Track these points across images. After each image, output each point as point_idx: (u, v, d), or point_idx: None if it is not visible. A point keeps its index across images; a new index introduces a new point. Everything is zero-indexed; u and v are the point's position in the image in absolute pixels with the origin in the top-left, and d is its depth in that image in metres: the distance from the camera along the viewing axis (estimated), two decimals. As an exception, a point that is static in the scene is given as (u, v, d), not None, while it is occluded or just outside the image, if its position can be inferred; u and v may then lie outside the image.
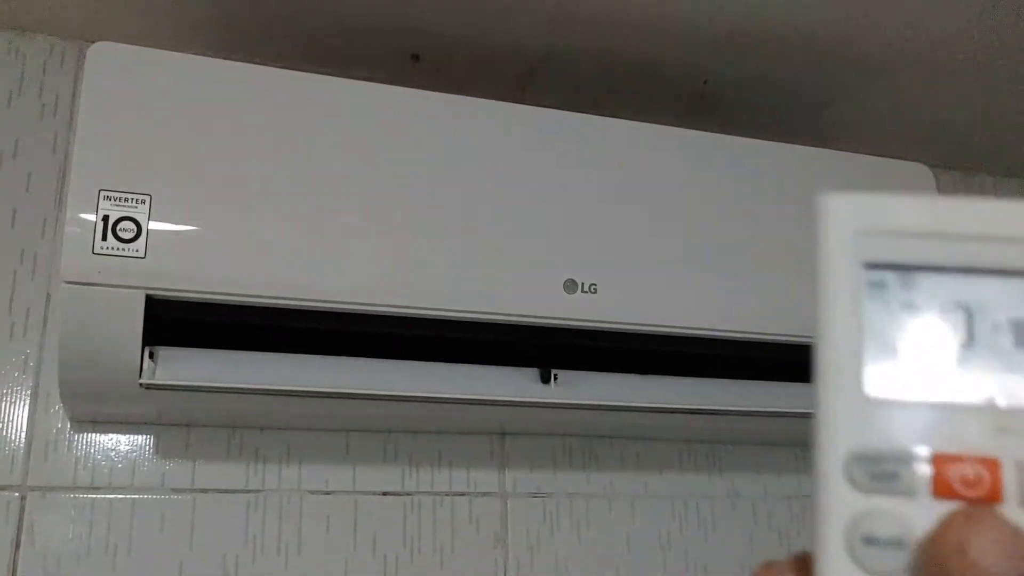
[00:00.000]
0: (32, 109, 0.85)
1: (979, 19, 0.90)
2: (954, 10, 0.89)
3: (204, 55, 0.73)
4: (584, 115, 0.83)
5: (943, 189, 0.94)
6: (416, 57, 0.93)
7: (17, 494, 0.77)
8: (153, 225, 0.67)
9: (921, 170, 0.94)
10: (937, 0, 0.87)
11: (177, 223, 0.68)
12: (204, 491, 0.81)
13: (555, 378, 0.80)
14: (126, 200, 0.67)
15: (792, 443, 1.02)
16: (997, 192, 1.25)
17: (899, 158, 0.95)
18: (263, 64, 0.76)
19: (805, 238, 0.85)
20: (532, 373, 0.80)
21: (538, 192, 0.79)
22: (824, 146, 0.92)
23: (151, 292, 0.67)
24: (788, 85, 1.01)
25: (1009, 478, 0.24)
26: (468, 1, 0.85)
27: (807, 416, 0.80)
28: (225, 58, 0.74)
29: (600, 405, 0.81)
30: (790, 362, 0.87)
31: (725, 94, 1.01)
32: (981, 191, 1.24)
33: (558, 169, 0.80)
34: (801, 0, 0.86)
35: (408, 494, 0.87)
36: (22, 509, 0.77)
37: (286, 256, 0.70)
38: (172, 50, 0.72)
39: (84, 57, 0.71)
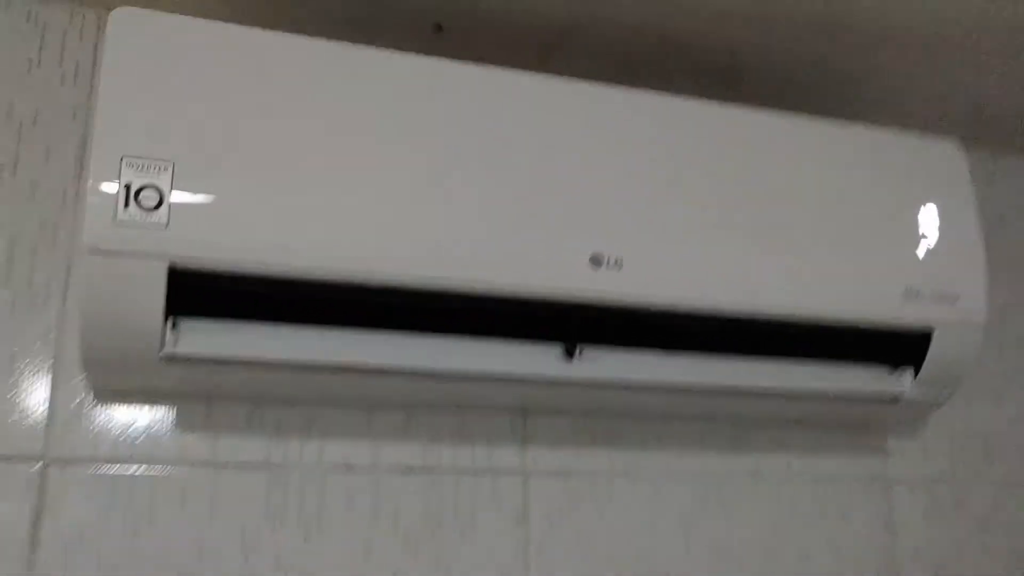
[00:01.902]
0: (52, 78, 0.84)
1: (1014, -7, 0.88)
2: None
3: (227, 22, 0.72)
4: (609, 86, 0.82)
5: (973, 167, 0.92)
6: (439, 27, 0.91)
7: (39, 464, 0.76)
8: (176, 193, 0.66)
9: (951, 147, 0.93)
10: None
11: (200, 191, 0.67)
12: (224, 465, 0.81)
13: (579, 354, 0.79)
14: (149, 167, 0.66)
15: (816, 423, 1.01)
16: (1025, 173, 1.23)
17: (928, 135, 0.93)
18: (285, 31, 0.75)
19: (833, 214, 0.84)
20: (555, 349, 0.79)
21: (562, 164, 0.78)
22: (853, 121, 0.90)
23: (174, 261, 0.66)
24: (817, 60, 0.99)
25: None
26: (492, -28, 0.83)
27: (833, 397, 0.79)
28: (248, 25, 0.73)
29: (624, 382, 0.80)
30: (817, 341, 0.86)
31: (752, 68, 1.00)
32: (1009, 171, 1.22)
33: (583, 141, 0.79)
34: (832, -28, 0.84)
35: (429, 471, 0.86)
36: (43, 480, 0.76)
37: (310, 227, 0.69)
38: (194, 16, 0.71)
39: (104, 25, 0.70)
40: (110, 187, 0.65)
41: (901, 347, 0.88)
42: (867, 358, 0.89)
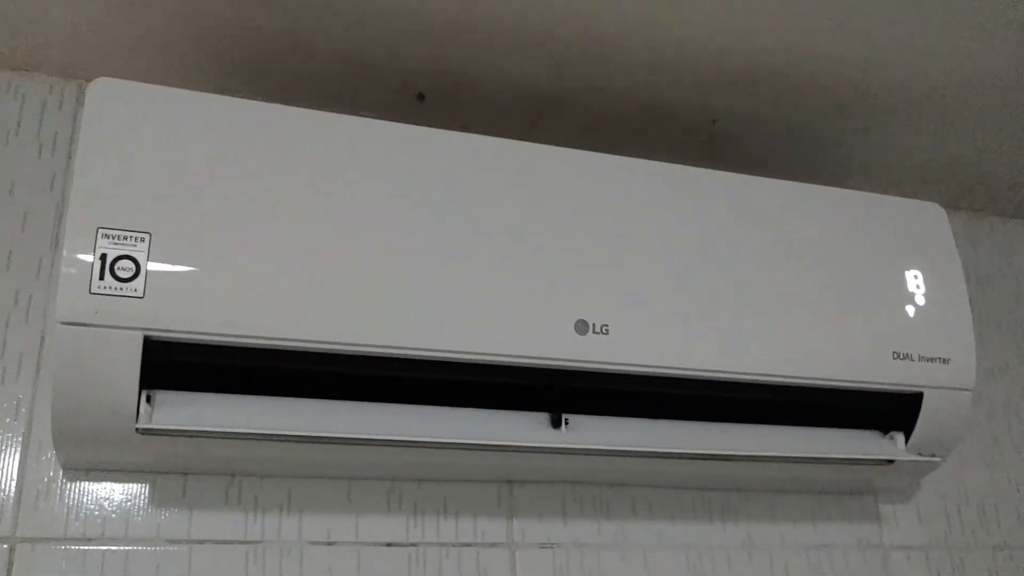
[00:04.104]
0: (30, 148, 0.84)
1: (990, 60, 0.90)
2: (964, 52, 0.88)
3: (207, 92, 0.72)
4: (593, 153, 0.82)
5: (954, 230, 0.92)
6: (421, 96, 0.91)
7: (6, 546, 0.73)
8: (152, 264, 0.65)
9: (935, 210, 0.93)
10: (947, 42, 0.87)
11: (177, 262, 0.66)
12: (201, 542, 0.78)
13: (566, 423, 0.77)
14: (125, 238, 0.65)
15: (810, 490, 0.99)
16: (1007, 233, 1.24)
17: (909, 198, 0.94)
18: (267, 102, 0.74)
19: (819, 276, 0.84)
20: (542, 417, 0.77)
21: (547, 231, 0.77)
22: (833, 186, 0.91)
23: (149, 333, 0.65)
24: (797, 125, 1.00)
25: None
26: (474, 41, 0.84)
27: (825, 461, 0.77)
28: (229, 96, 0.73)
29: (613, 451, 0.78)
30: (807, 405, 0.85)
31: (734, 134, 1.00)
32: (991, 232, 1.23)
33: (566, 207, 0.79)
34: (811, 40, 0.85)
35: (413, 545, 0.84)
36: (11, 562, 0.73)
37: (288, 297, 0.68)
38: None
39: (83, 96, 0.69)
40: (85, 258, 0.64)
41: (892, 410, 0.87)
42: (858, 422, 0.88)
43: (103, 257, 0.64)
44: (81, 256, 0.64)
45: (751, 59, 0.88)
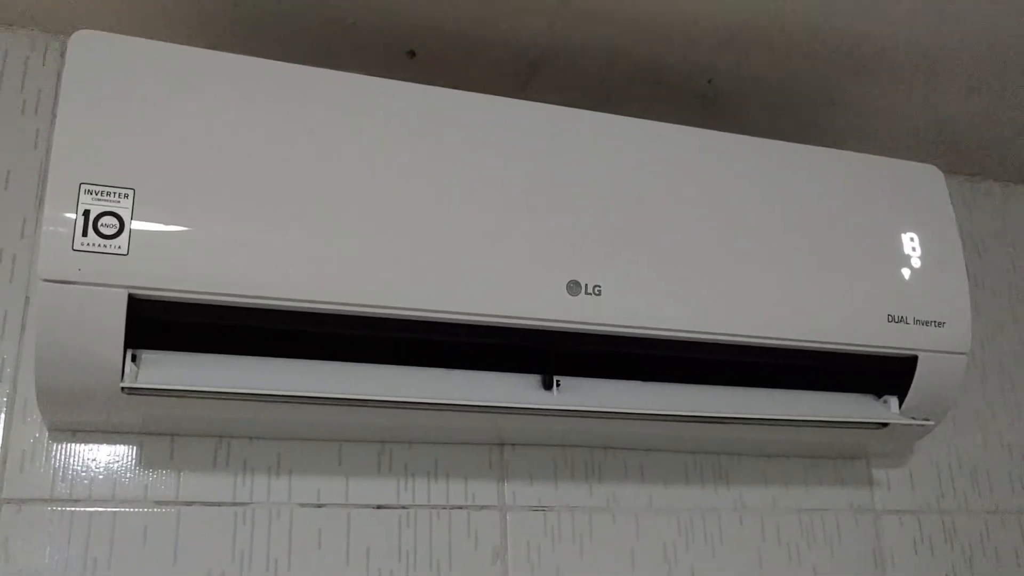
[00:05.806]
0: (13, 105, 0.82)
1: (987, 22, 0.88)
2: (962, 13, 0.87)
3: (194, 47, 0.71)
4: (587, 111, 0.80)
5: (950, 193, 0.92)
6: (412, 53, 0.90)
7: (-8, 506, 0.73)
8: (137, 221, 0.64)
9: (932, 172, 0.92)
10: (946, 3, 0.85)
11: (162, 219, 0.64)
12: (189, 504, 0.77)
13: (557, 384, 0.76)
14: (108, 194, 0.63)
15: (802, 454, 0.99)
16: (1004, 198, 1.23)
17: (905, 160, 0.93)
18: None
19: (814, 238, 0.83)
20: (533, 379, 0.77)
21: (540, 190, 0.76)
22: (830, 147, 0.89)
23: (134, 291, 0.63)
24: (793, 85, 0.98)
25: None
26: (466, -3, 0.82)
27: (817, 425, 0.77)
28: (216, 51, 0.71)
29: (604, 412, 0.77)
30: (801, 368, 0.84)
31: (729, 93, 0.99)
32: (988, 197, 1.22)
33: (560, 166, 0.77)
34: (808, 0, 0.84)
35: (403, 507, 0.83)
36: (-3, 522, 0.73)
37: (276, 255, 0.67)
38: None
39: (67, 51, 0.67)
40: (68, 214, 0.62)
41: (886, 374, 0.86)
42: (852, 386, 0.88)
43: (86, 213, 0.63)
44: (63, 212, 0.62)
45: (748, 18, 0.86)
